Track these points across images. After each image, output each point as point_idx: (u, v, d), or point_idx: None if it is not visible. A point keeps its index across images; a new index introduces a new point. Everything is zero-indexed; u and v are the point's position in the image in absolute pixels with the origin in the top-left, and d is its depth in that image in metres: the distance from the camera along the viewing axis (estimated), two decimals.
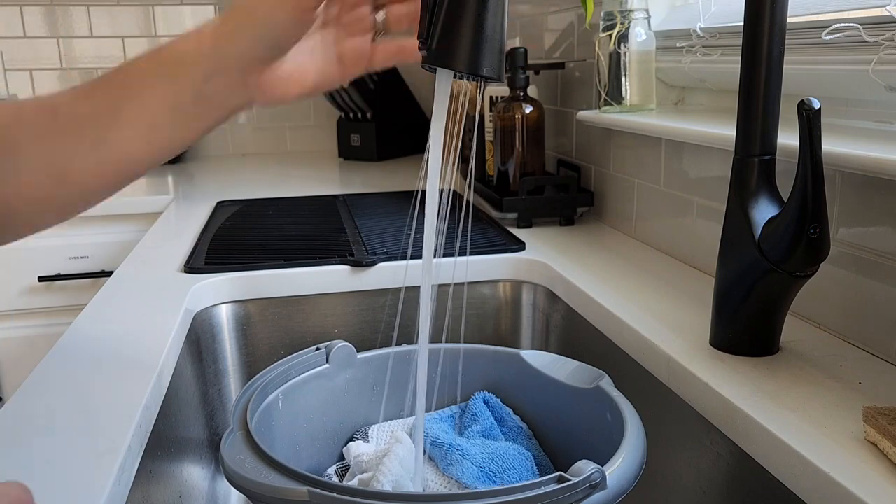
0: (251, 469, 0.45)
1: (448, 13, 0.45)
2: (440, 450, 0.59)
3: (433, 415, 0.65)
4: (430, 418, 0.65)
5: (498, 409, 0.65)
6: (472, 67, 0.45)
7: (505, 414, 0.64)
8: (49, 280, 1.41)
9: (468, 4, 0.44)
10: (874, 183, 0.61)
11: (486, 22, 0.45)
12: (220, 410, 0.85)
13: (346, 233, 1.05)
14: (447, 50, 0.45)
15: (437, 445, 0.59)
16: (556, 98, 1.30)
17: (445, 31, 0.45)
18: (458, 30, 0.44)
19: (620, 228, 1.07)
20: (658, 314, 0.73)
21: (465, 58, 0.45)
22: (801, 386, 0.56)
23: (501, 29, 0.46)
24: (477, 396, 0.65)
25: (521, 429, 0.64)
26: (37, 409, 0.56)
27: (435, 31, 0.45)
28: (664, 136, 0.87)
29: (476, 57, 0.45)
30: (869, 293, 0.62)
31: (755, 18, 0.56)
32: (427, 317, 0.51)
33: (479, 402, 0.65)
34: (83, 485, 0.45)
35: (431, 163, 0.48)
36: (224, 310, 0.88)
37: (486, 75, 0.45)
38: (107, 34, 1.95)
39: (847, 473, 0.44)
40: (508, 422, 0.64)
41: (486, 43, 0.45)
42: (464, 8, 0.44)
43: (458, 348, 0.66)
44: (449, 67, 0.46)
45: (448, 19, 0.45)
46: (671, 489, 0.65)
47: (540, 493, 0.41)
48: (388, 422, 0.65)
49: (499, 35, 0.46)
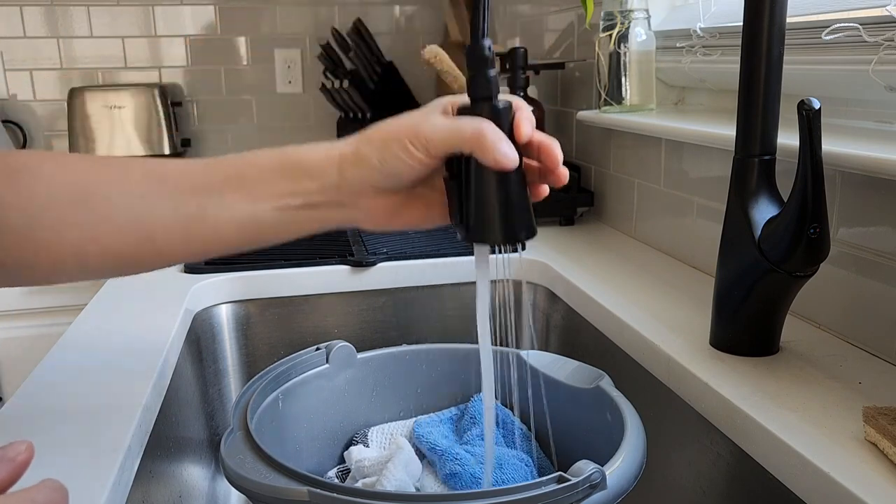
0: (251, 469, 0.45)
1: (475, 200, 0.47)
2: (438, 456, 0.59)
3: (432, 417, 0.65)
4: (430, 421, 0.64)
5: (498, 411, 0.65)
6: (510, 238, 0.48)
7: (505, 416, 0.64)
8: None
9: (490, 191, 0.47)
10: (874, 183, 0.61)
11: (511, 198, 0.47)
12: (220, 410, 0.85)
13: (346, 233, 1.05)
14: (482, 229, 0.48)
15: (435, 452, 0.59)
16: (556, 98, 1.30)
17: (476, 214, 0.47)
18: (487, 212, 0.47)
19: (620, 228, 1.07)
20: (658, 314, 0.73)
21: (500, 233, 0.47)
22: (801, 386, 0.56)
23: (524, 195, 0.48)
24: (476, 399, 0.65)
25: (521, 430, 0.63)
26: (37, 409, 0.56)
27: (469, 213, 0.48)
28: (664, 136, 0.87)
29: (511, 227, 0.47)
30: (869, 293, 0.62)
31: (755, 18, 0.56)
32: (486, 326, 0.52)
33: (478, 404, 0.65)
34: (83, 485, 0.45)
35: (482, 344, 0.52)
36: (224, 310, 0.88)
37: (523, 240, 0.48)
38: (107, 34, 1.95)
39: (847, 473, 0.44)
40: (508, 424, 0.64)
41: (517, 212, 0.48)
42: (487, 194, 0.47)
43: (459, 348, 0.66)
44: (489, 243, 0.48)
45: (476, 205, 0.47)
46: (671, 489, 0.65)
47: (540, 493, 0.41)
48: (388, 423, 0.65)
49: (525, 198, 0.48)
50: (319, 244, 0.99)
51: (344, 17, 2.04)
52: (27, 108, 1.94)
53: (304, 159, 0.51)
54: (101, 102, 1.83)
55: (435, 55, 1.31)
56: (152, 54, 1.98)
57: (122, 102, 1.83)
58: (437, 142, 0.47)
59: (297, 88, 2.05)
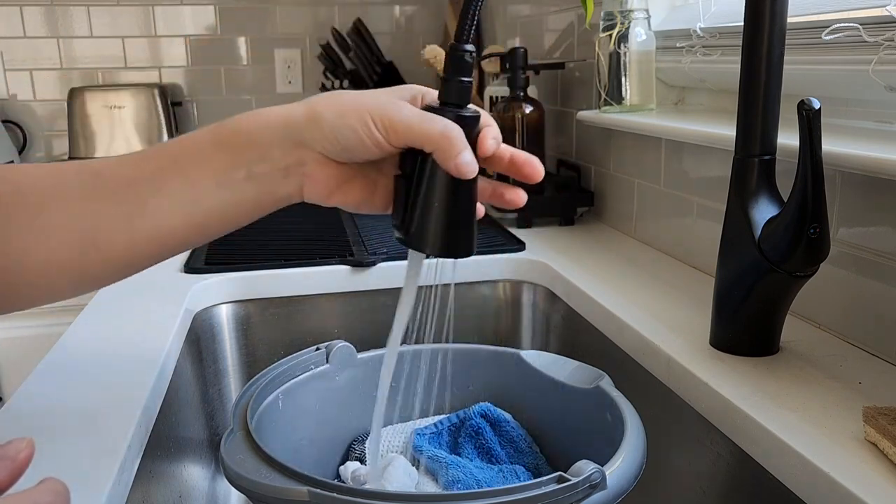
0: (251, 469, 0.45)
1: (423, 204, 0.46)
2: (440, 464, 0.58)
3: (428, 426, 0.64)
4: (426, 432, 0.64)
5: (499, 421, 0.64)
6: (446, 252, 0.47)
7: (504, 423, 0.63)
8: None
9: (440, 198, 0.46)
10: (874, 183, 0.61)
11: (460, 211, 0.47)
12: (220, 410, 0.85)
13: (346, 233, 1.05)
14: (422, 236, 0.47)
15: (438, 461, 0.59)
16: (556, 98, 1.30)
17: (420, 219, 0.46)
18: (432, 219, 0.46)
19: (620, 228, 1.07)
20: (658, 314, 0.73)
21: (440, 244, 0.47)
22: (801, 386, 0.56)
23: (473, 212, 0.48)
24: (475, 410, 0.64)
25: (522, 436, 0.63)
26: (37, 409, 0.56)
27: (411, 218, 0.47)
28: (664, 136, 0.87)
29: (453, 241, 0.47)
30: (869, 293, 0.62)
31: (755, 18, 0.56)
32: None
33: (477, 417, 0.64)
34: (83, 485, 0.45)
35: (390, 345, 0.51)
36: (224, 310, 0.88)
37: (461, 257, 0.48)
38: (107, 34, 1.95)
39: (847, 473, 0.44)
40: (509, 430, 0.63)
41: (461, 227, 0.47)
42: (436, 200, 0.46)
43: (459, 349, 0.66)
44: (425, 252, 0.47)
45: (422, 209, 0.46)
46: (671, 489, 0.65)
47: (540, 493, 0.41)
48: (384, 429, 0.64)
49: (471, 215, 0.48)
50: (319, 244, 0.99)
51: (344, 17, 2.05)
52: (27, 108, 1.94)
53: (244, 127, 0.48)
54: (101, 102, 1.83)
55: (435, 55, 1.31)
56: (152, 54, 1.98)
57: (122, 102, 1.83)
58: (401, 130, 0.45)
59: (297, 88, 2.05)
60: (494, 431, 0.63)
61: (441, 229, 0.46)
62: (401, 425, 0.65)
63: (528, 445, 0.63)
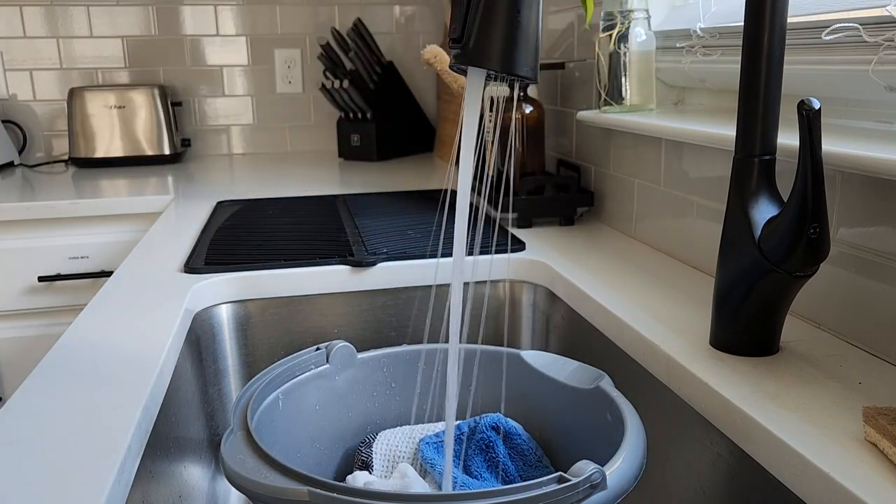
0: (251, 469, 0.45)
1: (485, 10, 0.42)
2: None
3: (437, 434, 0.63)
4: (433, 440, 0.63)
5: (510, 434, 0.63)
6: (509, 66, 0.43)
7: (515, 436, 0.63)
8: (49, 280, 1.41)
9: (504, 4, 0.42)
10: (874, 183, 0.61)
11: (524, 19, 0.43)
12: (220, 410, 0.85)
13: (346, 233, 1.05)
14: (484, 48, 0.43)
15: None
16: (556, 98, 1.30)
17: (483, 28, 0.42)
18: (496, 27, 0.42)
19: (620, 228, 1.07)
20: (658, 314, 0.73)
21: (502, 56, 0.42)
22: (801, 386, 0.56)
23: (538, 28, 0.44)
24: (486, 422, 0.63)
25: (532, 449, 0.62)
26: (37, 409, 0.56)
27: (472, 29, 0.43)
28: (664, 136, 0.87)
29: (513, 55, 0.43)
30: (869, 293, 0.62)
31: (755, 19, 0.56)
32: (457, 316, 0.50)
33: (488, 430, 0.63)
34: (83, 485, 0.45)
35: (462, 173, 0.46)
36: (224, 310, 0.88)
37: (523, 75, 0.43)
38: (107, 34, 1.95)
39: (847, 473, 0.44)
40: (520, 444, 0.63)
41: (524, 41, 0.43)
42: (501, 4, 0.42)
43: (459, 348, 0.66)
44: (486, 67, 0.43)
45: (485, 16, 0.42)
46: (671, 489, 0.65)
47: (540, 493, 0.41)
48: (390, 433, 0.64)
49: (535, 34, 0.44)
50: (319, 244, 0.99)
51: (344, 17, 2.05)
52: (27, 108, 1.94)
53: None
54: (101, 102, 1.83)
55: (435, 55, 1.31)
56: (152, 54, 1.99)
57: (122, 102, 1.83)
58: None
59: (297, 88, 2.05)
60: (505, 444, 0.63)
61: (502, 43, 0.42)
62: (407, 428, 0.65)
63: (538, 459, 0.62)
